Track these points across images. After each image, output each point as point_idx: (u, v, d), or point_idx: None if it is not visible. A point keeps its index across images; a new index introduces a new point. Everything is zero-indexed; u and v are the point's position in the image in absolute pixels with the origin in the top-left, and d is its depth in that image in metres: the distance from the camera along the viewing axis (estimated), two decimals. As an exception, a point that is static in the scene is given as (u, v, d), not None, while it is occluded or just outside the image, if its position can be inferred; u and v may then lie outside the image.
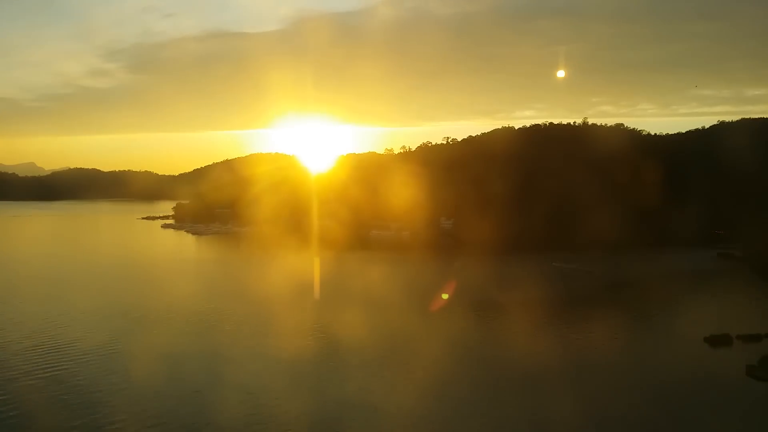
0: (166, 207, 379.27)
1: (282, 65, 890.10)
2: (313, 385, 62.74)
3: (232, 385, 62.13)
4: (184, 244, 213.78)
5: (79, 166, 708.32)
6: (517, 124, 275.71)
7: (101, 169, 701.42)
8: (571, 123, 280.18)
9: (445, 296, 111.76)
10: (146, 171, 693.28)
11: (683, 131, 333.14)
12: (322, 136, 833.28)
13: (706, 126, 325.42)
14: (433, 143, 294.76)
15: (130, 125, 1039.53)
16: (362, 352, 75.02)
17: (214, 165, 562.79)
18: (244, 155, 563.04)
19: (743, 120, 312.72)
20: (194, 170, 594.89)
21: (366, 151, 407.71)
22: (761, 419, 57.38)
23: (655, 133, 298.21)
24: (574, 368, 69.46)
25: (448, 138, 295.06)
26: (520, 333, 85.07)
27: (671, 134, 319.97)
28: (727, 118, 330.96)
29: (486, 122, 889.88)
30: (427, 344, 79.10)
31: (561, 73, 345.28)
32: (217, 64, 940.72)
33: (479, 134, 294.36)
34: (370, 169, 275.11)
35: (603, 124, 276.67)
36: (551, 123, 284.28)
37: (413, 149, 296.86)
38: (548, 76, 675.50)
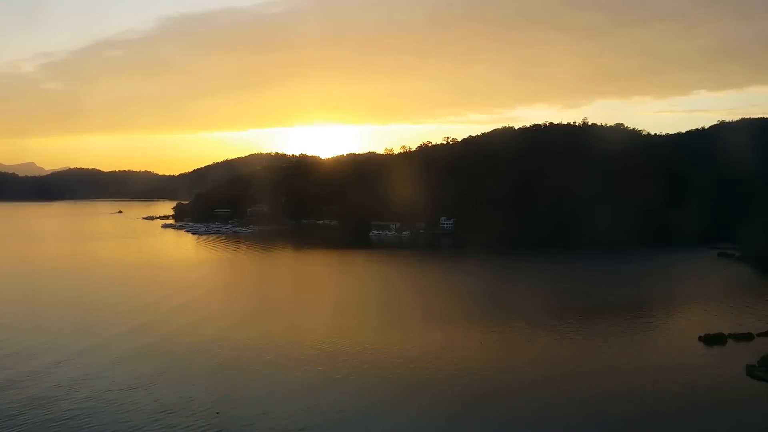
0: (166, 207, 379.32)
1: (281, 66, 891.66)
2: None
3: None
4: (184, 246, 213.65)
5: (79, 166, 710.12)
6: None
7: (101, 169, 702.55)
8: (571, 123, 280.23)
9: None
10: (146, 171, 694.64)
11: (683, 131, 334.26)
12: (321, 136, 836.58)
13: (706, 126, 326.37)
14: (433, 143, 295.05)
15: (131, 125, 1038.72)
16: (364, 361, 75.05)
17: (214, 165, 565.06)
18: (244, 155, 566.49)
19: (743, 120, 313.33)
20: (194, 170, 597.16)
21: (366, 150, 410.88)
22: (762, 419, 57.36)
23: (655, 133, 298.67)
24: (572, 368, 69.48)
25: (448, 138, 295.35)
26: (517, 333, 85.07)
27: (671, 134, 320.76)
28: (727, 118, 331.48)
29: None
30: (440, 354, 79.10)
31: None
32: (217, 64, 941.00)
33: (479, 134, 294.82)
34: (370, 169, 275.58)
35: (603, 124, 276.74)
36: (551, 123, 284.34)
37: (413, 149, 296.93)
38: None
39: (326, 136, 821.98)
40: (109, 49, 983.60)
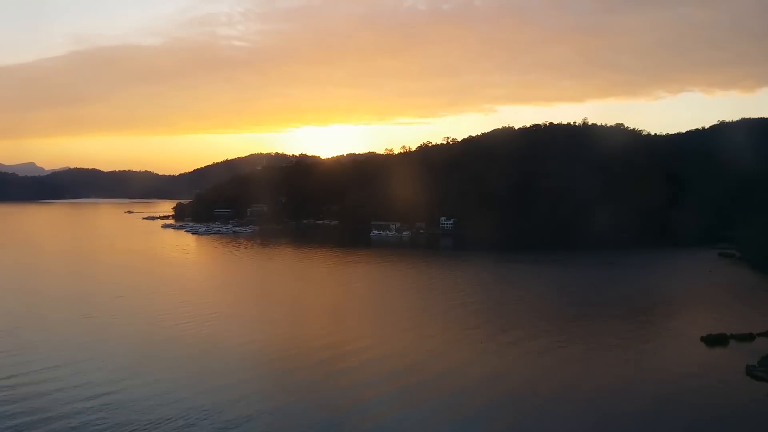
0: (166, 207, 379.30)
1: (281, 66, 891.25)
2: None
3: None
4: (185, 247, 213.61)
5: (79, 166, 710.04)
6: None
7: (101, 169, 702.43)
8: (571, 123, 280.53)
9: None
10: (146, 171, 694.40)
11: (683, 131, 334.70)
12: (321, 137, 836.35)
13: (706, 126, 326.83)
14: (433, 143, 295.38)
15: (131, 126, 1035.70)
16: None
17: (214, 165, 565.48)
18: (244, 155, 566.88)
19: (743, 120, 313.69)
20: (194, 170, 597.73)
21: (366, 150, 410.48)
22: (761, 419, 57.41)
23: (655, 133, 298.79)
24: (573, 368, 69.61)
25: (448, 138, 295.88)
26: (518, 333, 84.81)
27: (671, 134, 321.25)
28: (727, 118, 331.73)
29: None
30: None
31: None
32: (217, 66, 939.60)
33: (479, 134, 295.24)
34: (370, 169, 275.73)
35: (603, 124, 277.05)
36: (551, 123, 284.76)
37: (413, 149, 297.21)
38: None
39: (326, 136, 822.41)
40: (110, 49, 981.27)
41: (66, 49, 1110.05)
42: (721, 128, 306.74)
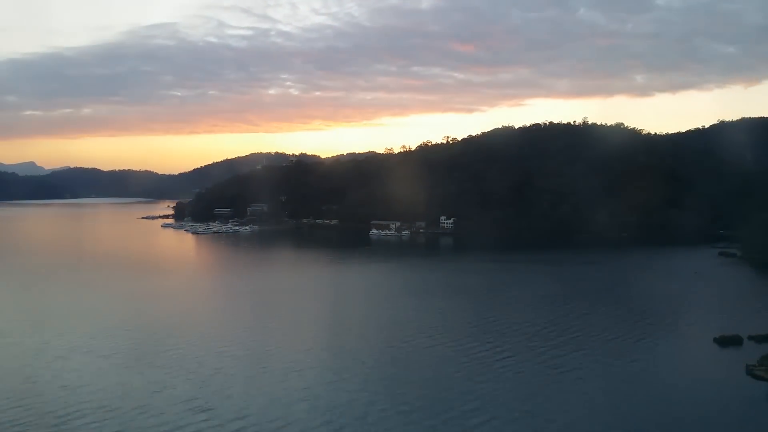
0: (166, 207, 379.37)
1: (281, 65, 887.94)
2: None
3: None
4: (184, 247, 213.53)
5: (79, 166, 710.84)
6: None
7: (101, 169, 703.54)
8: (571, 123, 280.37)
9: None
10: (146, 171, 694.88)
11: (683, 131, 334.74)
12: (321, 136, 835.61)
13: (706, 126, 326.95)
14: (433, 143, 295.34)
15: (131, 126, 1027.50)
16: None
17: (214, 165, 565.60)
18: (244, 155, 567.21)
19: (743, 120, 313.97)
20: (194, 170, 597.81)
21: (366, 150, 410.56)
22: (759, 419, 57.37)
23: (655, 133, 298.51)
24: (577, 367, 69.47)
25: (448, 137, 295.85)
26: (520, 335, 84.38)
27: (671, 134, 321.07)
28: (727, 118, 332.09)
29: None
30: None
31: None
32: (216, 64, 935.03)
33: (479, 134, 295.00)
34: (370, 169, 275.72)
35: (603, 123, 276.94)
36: (551, 122, 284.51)
37: (413, 149, 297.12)
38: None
39: (326, 136, 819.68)
40: (109, 49, 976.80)
41: (72, 43, 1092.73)
42: (721, 128, 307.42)
